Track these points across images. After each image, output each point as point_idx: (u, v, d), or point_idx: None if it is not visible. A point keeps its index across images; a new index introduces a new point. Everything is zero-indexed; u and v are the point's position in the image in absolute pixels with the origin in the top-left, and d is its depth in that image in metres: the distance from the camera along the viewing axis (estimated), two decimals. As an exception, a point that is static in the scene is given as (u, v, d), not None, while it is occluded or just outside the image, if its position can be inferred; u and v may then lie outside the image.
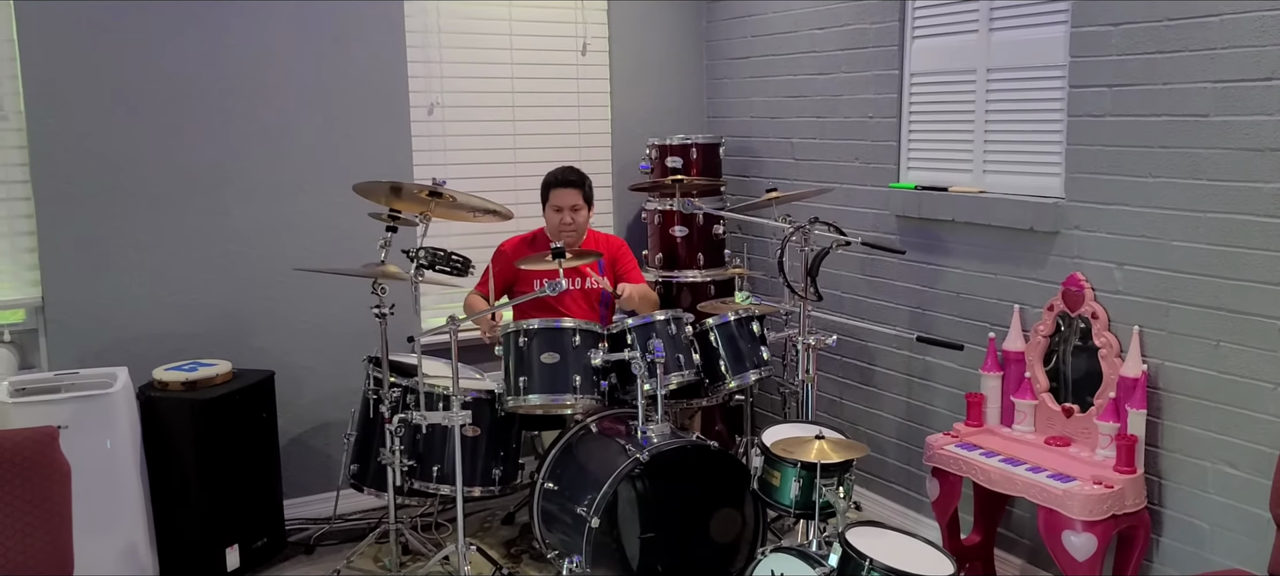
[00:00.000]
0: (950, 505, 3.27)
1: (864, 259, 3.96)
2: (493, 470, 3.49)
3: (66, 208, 3.63)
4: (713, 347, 3.53)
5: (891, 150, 3.83)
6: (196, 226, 3.84)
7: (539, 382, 3.31)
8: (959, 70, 3.57)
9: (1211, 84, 2.76)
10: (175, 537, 3.48)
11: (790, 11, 4.25)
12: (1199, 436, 2.89)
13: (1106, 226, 3.07)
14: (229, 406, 3.51)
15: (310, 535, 3.88)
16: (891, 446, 3.96)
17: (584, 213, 3.90)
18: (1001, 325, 3.38)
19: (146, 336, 3.76)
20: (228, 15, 3.81)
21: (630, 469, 3.08)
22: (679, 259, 4.36)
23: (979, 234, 3.48)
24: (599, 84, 4.63)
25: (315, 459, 4.10)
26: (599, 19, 4.59)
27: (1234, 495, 2.81)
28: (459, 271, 3.32)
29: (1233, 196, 2.74)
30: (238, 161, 3.89)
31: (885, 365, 3.96)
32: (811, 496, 2.77)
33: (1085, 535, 2.81)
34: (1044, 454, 3.12)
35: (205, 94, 3.81)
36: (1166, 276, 2.92)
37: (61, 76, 3.58)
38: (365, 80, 4.07)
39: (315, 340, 4.06)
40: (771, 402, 4.46)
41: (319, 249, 4.00)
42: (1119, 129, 3.01)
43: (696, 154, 4.38)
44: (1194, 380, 2.88)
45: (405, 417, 3.29)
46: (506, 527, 3.99)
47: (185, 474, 3.44)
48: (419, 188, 3.27)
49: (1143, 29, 2.91)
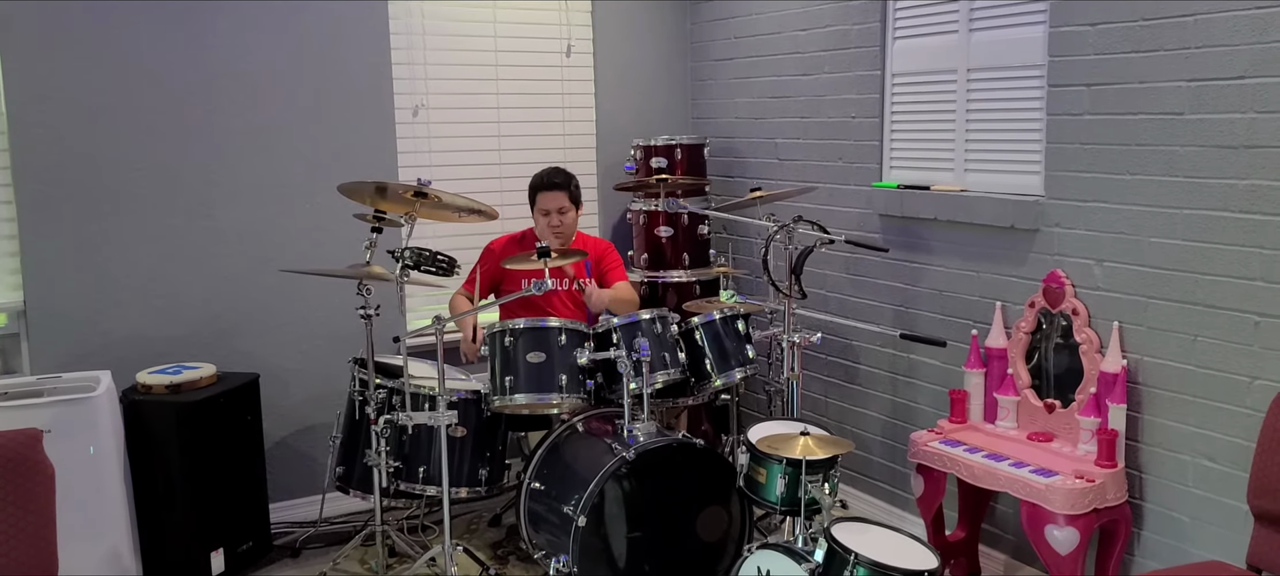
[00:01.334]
0: (935, 501, 3.30)
1: (848, 258, 3.99)
2: (479, 471, 3.49)
3: (48, 210, 3.61)
4: (698, 346, 3.55)
5: (874, 150, 3.86)
6: (180, 228, 3.83)
7: (525, 382, 3.32)
8: (940, 70, 3.61)
9: (1186, 83, 2.80)
10: (159, 542, 3.46)
11: (773, 13, 4.28)
12: (1178, 430, 2.92)
13: (1086, 223, 3.10)
14: (213, 409, 3.50)
15: (296, 538, 3.86)
16: (876, 443, 3.99)
17: (572, 214, 3.92)
18: (984, 322, 3.41)
19: (130, 339, 3.75)
20: (211, 16, 3.80)
21: (617, 468, 3.09)
22: (664, 259, 4.38)
23: (961, 232, 3.51)
24: (584, 85, 4.65)
25: (300, 462, 4.09)
26: (583, 21, 4.61)
27: (1213, 488, 2.85)
28: (444, 271, 3.32)
29: (1208, 193, 2.79)
30: (222, 163, 3.88)
31: (869, 363, 3.98)
32: (797, 493, 2.79)
33: (1068, 529, 2.84)
34: (1027, 449, 3.16)
35: (189, 95, 3.80)
36: (1145, 272, 2.96)
37: (44, 77, 3.56)
38: (350, 82, 4.07)
39: (300, 342, 4.05)
40: (757, 401, 4.48)
41: (304, 251, 4.00)
42: (1097, 127, 3.05)
43: (681, 154, 4.40)
44: (1172, 374, 2.92)
45: (391, 419, 3.29)
46: (493, 529, 3.99)
47: (169, 477, 3.42)
48: (404, 188, 3.27)
49: (1119, 29, 2.95)
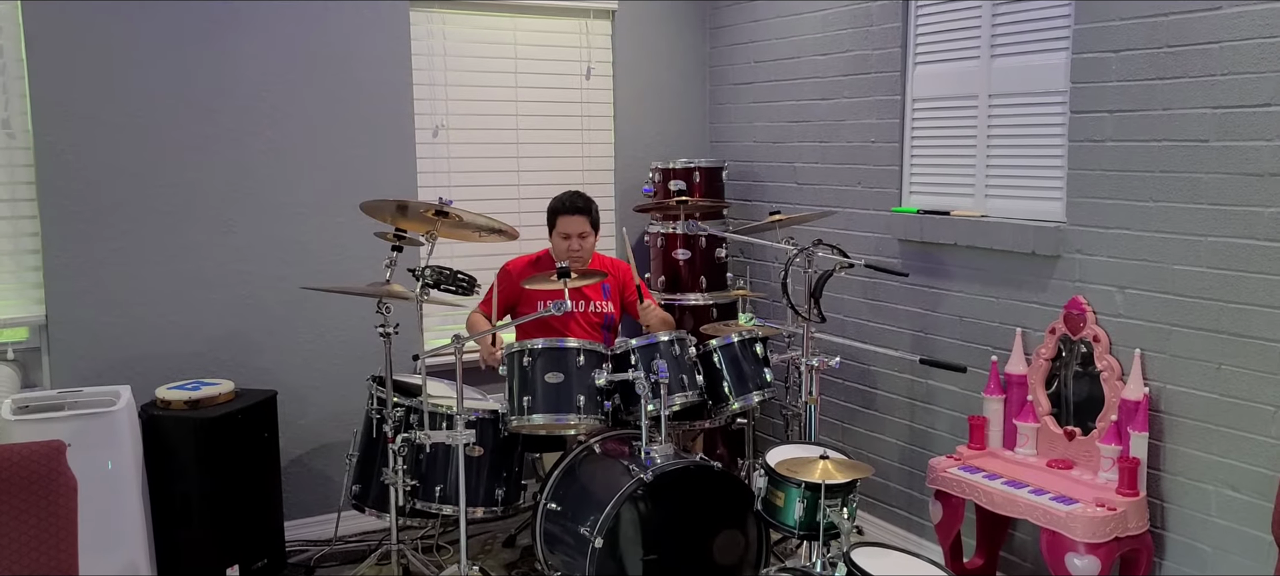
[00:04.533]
0: (953, 528, 3.27)
1: (866, 282, 3.98)
2: (495, 491, 3.48)
3: (71, 226, 3.65)
4: (716, 369, 3.54)
5: (893, 174, 3.86)
6: (201, 245, 3.86)
7: (543, 402, 3.32)
8: (961, 95, 3.61)
9: (1211, 110, 2.79)
10: (176, 557, 3.47)
11: (794, 38, 4.30)
12: (1201, 459, 2.90)
13: (1108, 250, 3.09)
14: (231, 426, 3.51)
15: (310, 556, 3.86)
16: (894, 470, 3.96)
17: (591, 239, 3.91)
18: (1003, 348, 3.39)
19: (149, 355, 3.77)
20: (235, 37, 3.84)
21: (634, 489, 3.08)
22: (681, 282, 4.38)
23: (981, 258, 3.50)
24: (603, 108, 4.67)
25: (316, 480, 4.09)
26: (603, 44, 4.64)
27: (1236, 518, 2.82)
28: (464, 290, 3.33)
29: (1233, 220, 2.77)
30: (243, 181, 3.91)
31: (887, 388, 3.97)
32: (815, 517, 2.77)
33: (1088, 557, 2.81)
34: (1046, 476, 3.13)
35: (212, 114, 3.84)
36: (1168, 300, 2.94)
37: (69, 95, 3.61)
38: (371, 102, 4.10)
39: (317, 360, 4.07)
40: (774, 426, 4.46)
41: (323, 269, 4.02)
42: (1120, 154, 3.04)
43: (699, 177, 4.41)
44: (1196, 403, 2.90)
45: (408, 437, 3.29)
46: (507, 550, 3.98)
47: (187, 493, 3.43)
48: (425, 206, 3.29)
49: (1143, 56, 2.95)
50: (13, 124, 3.58)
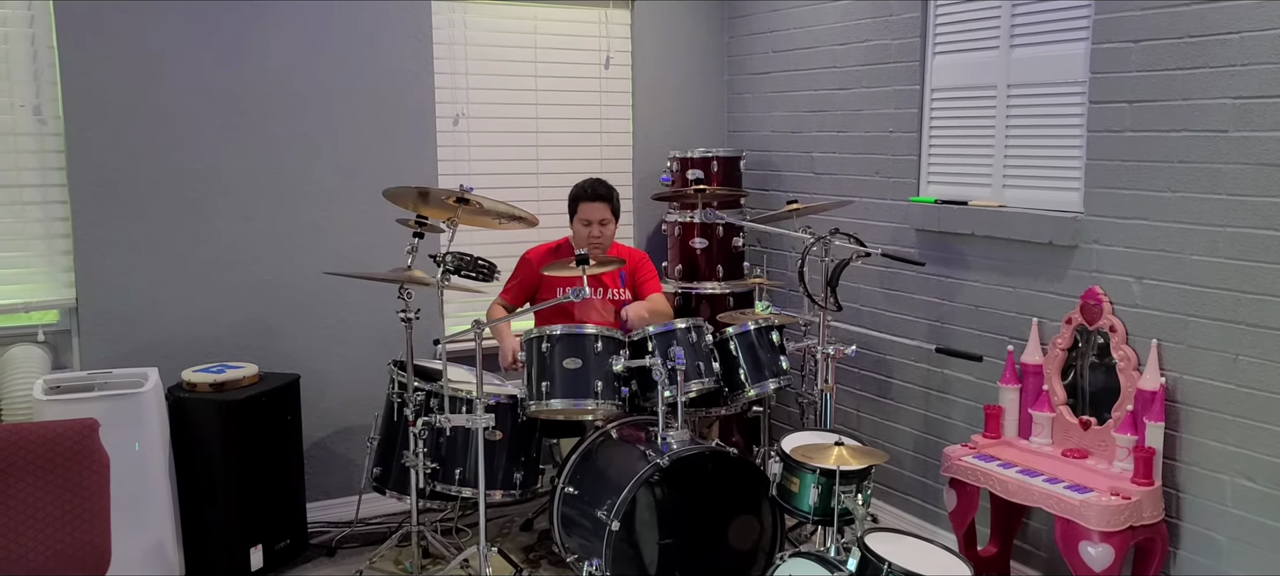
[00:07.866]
0: (967, 516, 3.29)
1: (883, 271, 4.00)
2: (514, 474, 3.53)
3: (101, 211, 3.72)
4: (732, 356, 3.57)
5: (911, 164, 3.87)
6: (227, 230, 3.92)
7: (561, 387, 3.36)
8: (980, 85, 3.61)
9: (1231, 100, 2.79)
10: (201, 536, 3.53)
11: (812, 27, 4.30)
12: (1217, 450, 2.90)
13: (1125, 240, 3.09)
14: (255, 408, 3.57)
15: (332, 537, 3.92)
16: (909, 458, 3.98)
17: (612, 226, 3.95)
18: (1020, 338, 3.40)
19: (176, 338, 3.83)
20: (260, 26, 3.89)
21: (650, 474, 3.11)
22: (698, 271, 4.41)
23: (998, 247, 3.51)
24: (621, 97, 4.70)
25: (337, 462, 4.15)
26: (622, 33, 4.66)
27: (1251, 509, 2.82)
28: (485, 277, 3.37)
29: (1252, 211, 2.77)
30: (268, 167, 3.97)
31: (903, 377, 3.98)
32: (830, 503, 2.79)
33: (1103, 546, 2.82)
34: (1061, 465, 3.14)
35: (237, 101, 3.89)
36: (1185, 290, 2.94)
37: (99, 82, 3.67)
38: (393, 91, 4.15)
39: (339, 345, 4.12)
40: (789, 414, 4.49)
41: (346, 255, 4.07)
42: (1139, 144, 3.04)
43: (717, 167, 4.43)
44: (1212, 394, 2.90)
45: (429, 421, 3.34)
46: (525, 533, 4.02)
47: (212, 474, 3.50)
48: (446, 193, 3.33)
49: (1163, 46, 2.95)
50: (44, 110, 3.64)
